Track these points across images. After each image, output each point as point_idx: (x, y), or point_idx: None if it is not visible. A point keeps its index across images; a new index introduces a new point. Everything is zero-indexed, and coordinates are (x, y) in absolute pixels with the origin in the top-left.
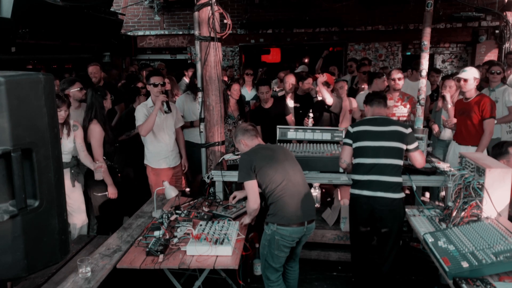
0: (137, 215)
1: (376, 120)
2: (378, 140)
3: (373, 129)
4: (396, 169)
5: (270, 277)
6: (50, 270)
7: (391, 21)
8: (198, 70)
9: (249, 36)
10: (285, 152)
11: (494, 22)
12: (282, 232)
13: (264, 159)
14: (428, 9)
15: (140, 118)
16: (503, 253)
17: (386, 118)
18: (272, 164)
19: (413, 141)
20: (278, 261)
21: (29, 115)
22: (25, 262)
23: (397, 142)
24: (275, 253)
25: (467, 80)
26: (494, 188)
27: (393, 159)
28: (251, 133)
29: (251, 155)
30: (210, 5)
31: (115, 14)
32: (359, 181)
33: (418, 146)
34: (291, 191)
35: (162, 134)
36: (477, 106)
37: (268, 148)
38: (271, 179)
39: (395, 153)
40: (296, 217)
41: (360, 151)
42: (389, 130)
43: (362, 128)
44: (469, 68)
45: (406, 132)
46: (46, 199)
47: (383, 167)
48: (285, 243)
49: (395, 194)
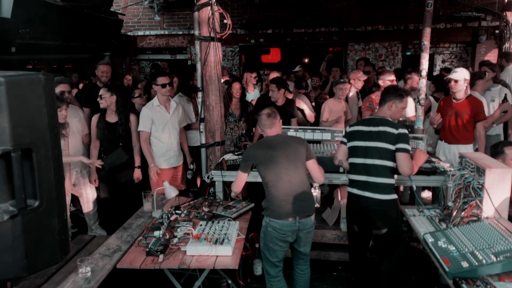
0: (137, 215)
1: (372, 120)
2: (367, 140)
3: (364, 129)
4: (385, 170)
5: (270, 271)
6: (50, 270)
7: (391, 21)
8: (198, 70)
9: (249, 36)
10: (287, 147)
11: (494, 22)
12: (273, 224)
13: (262, 158)
14: (428, 9)
15: (143, 123)
16: (503, 253)
17: (382, 119)
18: (267, 164)
19: (402, 141)
20: (274, 254)
21: (29, 115)
22: (25, 262)
23: (384, 143)
24: (270, 245)
25: (457, 81)
26: (494, 188)
27: (381, 160)
28: (265, 123)
29: (254, 152)
30: (210, 5)
31: (115, 14)
32: (352, 180)
33: (406, 149)
34: (282, 188)
35: (165, 134)
36: (469, 108)
37: (270, 147)
38: (265, 176)
39: (383, 154)
40: (285, 212)
41: (352, 150)
42: (377, 130)
43: (356, 128)
44: (460, 69)
45: (395, 133)
46: (46, 199)
47: (371, 168)
48: (277, 236)
49: (383, 195)
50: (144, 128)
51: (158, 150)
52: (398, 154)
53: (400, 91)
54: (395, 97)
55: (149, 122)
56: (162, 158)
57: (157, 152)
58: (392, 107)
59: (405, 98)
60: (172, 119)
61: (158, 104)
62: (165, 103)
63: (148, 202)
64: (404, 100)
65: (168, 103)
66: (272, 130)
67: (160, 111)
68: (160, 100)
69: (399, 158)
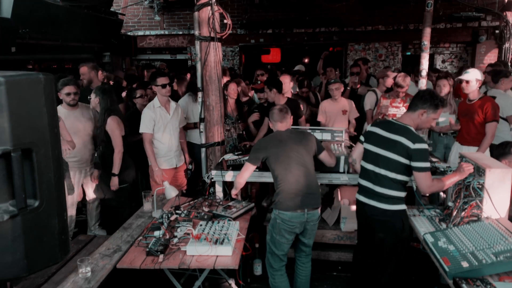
0: (137, 215)
1: (392, 125)
2: (380, 146)
3: (381, 134)
4: (393, 182)
5: (273, 264)
6: (50, 270)
7: (391, 21)
8: (198, 70)
9: (249, 36)
10: (297, 141)
11: (494, 22)
12: (282, 216)
13: (273, 151)
14: (428, 9)
15: (145, 124)
16: (503, 253)
17: (403, 127)
18: (278, 156)
19: (418, 159)
20: (280, 247)
21: (29, 115)
22: (25, 262)
23: (396, 155)
24: (277, 238)
25: (469, 82)
26: (494, 188)
27: (389, 172)
28: (276, 117)
29: (266, 144)
30: (210, 5)
31: (115, 14)
32: (360, 186)
33: (425, 167)
34: (291, 181)
35: (165, 135)
36: (481, 109)
37: (278, 140)
38: (275, 169)
39: (392, 166)
40: (294, 204)
41: (365, 153)
42: (393, 139)
43: (374, 130)
44: (471, 69)
45: (411, 147)
46: (46, 199)
47: (380, 178)
48: (285, 227)
49: (389, 205)
50: (147, 129)
51: (159, 151)
52: (414, 173)
53: (437, 100)
54: (430, 105)
55: (152, 124)
56: (163, 159)
57: (159, 153)
58: (423, 116)
59: (440, 109)
60: (172, 120)
61: (159, 106)
62: (165, 104)
63: (148, 202)
64: (438, 112)
65: (168, 104)
66: (283, 125)
67: (161, 112)
68: (160, 101)
69: (416, 177)
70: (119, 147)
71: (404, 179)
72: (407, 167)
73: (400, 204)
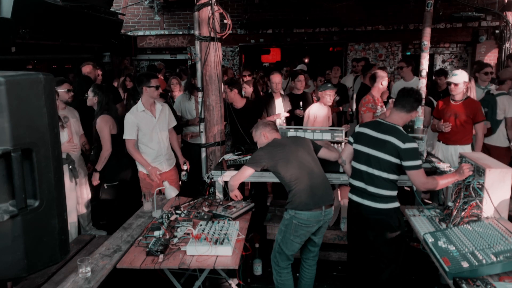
0: (137, 215)
1: (381, 125)
2: (371, 147)
3: (371, 134)
4: (385, 182)
5: (280, 263)
6: (50, 270)
7: (391, 21)
8: (198, 70)
9: (249, 36)
10: (297, 143)
11: (494, 22)
12: (300, 216)
13: (281, 155)
14: (428, 9)
15: (127, 130)
16: (503, 253)
17: (392, 127)
18: (288, 159)
19: (409, 158)
20: (291, 248)
21: (29, 115)
22: (25, 262)
23: (387, 154)
24: (291, 238)
25: (457, 85)
26: (494, 188)
27: (381, 172)
28: (271, 127)
29: (267, 153)
30: (210, 5)
31: (115, 14)
32: (352, 185)
33: (417, 165)
34: (305, 180)
35: (153, 140)
36: (467, 110)
37: (281, 145)
38: (286, 171)
39: (384, 165)
40: (313, 202)
41: (355, 153)
42: (383, 139)
43: (363, 130)
44: (459, 71)
45: (401, 147)
46: (46, 199)
47: (374, 178)
48: (302, 228)
49: (383, 204)
50: (130, 135)
51: (148, 156)
52: (408, 172)
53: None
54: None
55: (134, 129)
56: (152, 164)
57: (147, 159)
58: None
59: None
60: (159, 123)
61: (143, 109)
62: (150, 106)
63: (148, 202)
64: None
65: (153, 106)
66: (278, 134)
67: (146, 116)
68: (144, 104)
69: (410, 176)
70: (106, 146)
71: (396, 178)
72: (397, 166)
73: (393, 202)
